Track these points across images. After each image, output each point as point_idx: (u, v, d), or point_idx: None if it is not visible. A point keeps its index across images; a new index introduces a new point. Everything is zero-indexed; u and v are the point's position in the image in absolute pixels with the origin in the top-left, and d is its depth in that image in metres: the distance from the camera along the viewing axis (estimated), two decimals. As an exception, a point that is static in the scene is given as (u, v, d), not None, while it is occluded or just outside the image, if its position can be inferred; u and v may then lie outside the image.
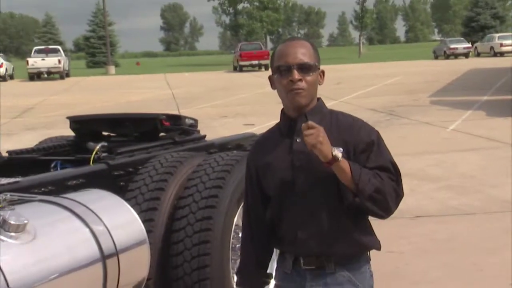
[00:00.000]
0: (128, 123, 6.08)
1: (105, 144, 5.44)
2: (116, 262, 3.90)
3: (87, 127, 6.10)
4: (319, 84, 2.82)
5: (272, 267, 3.14)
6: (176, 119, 6.05)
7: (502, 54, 55.69)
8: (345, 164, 2.61)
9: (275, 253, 3.12)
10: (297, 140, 2.76)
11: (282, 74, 2.74)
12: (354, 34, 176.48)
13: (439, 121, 17.07)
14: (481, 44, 63.12)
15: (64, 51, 57.51)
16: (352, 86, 30.29)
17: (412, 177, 10.22)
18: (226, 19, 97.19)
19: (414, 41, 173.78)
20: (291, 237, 2.81)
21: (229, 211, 4.67)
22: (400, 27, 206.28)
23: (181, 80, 44.03)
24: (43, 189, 4.39)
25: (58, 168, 5.22)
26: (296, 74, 2.69)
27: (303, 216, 2.77)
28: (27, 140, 12.97)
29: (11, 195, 3.92)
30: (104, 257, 3.81)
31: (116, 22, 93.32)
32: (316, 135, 2.54)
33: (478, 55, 60.68)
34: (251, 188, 3.01)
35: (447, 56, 58.56)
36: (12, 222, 3.47)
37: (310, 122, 2.60)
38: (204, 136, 6.19)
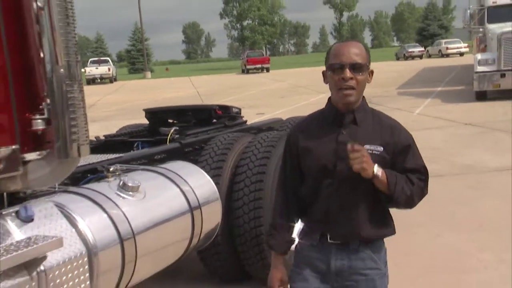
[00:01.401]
0: (189, 113, 6.14)
1: (177, 128, 5.52)
2: (200, 213, 4.07)
3: (157, 116, 6.16)
4: (368, 83, 2.54)
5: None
6: (225, 108, 6.08)
7: (448, 55, 56.01)
8: (383, 177, 2.41)
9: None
10: (343, 133, 2.50)
11: (335, 71, 2.45)
12: (331, 41, 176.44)
13: (407, 107, 17.19)
14: (431, 48, 63.46)
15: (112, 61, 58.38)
16: (335, 82, 30.26)
17: (393, 149, 10.43)
18: (235, 33, 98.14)
19: (379, 46, 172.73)
20: (323, 216, 2.54)
21: (275, 176, 4.81)
22: (367, 36, 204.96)
23: (201, 81, 44.05)
24: (138, 161, 4.53)
25: (140, 148, 5.28)
26: (348, 73, 2.41)
27: (339, 200, 2.50)
28: (95, 129, 13.12)
29: (120, 166, 4.11)
30: (191, 209, 4.00)
31: (150, 38, 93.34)
32: (360, 160, 2.33)
33: (430, 56, 60.68)
34: (291, 163, 2.68)
35: (406, 58, 58.96)
36: (130, 184, 3.66)
37: (356, 146, 2.35)
38: (246, 121, 6.32)
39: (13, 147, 2.72)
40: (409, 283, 4.71)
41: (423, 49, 62.34)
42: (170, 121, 6.17)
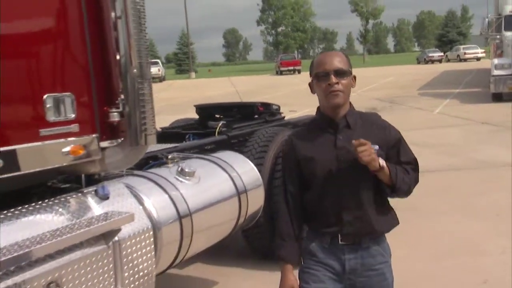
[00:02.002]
0: (235, 109, 6.22)
1: (224, 122, 5.62)
2: (245, 196, 4.16)
3: (206, 111, 6.26)
4: (352, 87, 2.47)
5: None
6: (266, 105, 6.13)
7: (465, 60, 54.82)
8: (386, 169, 2.34)
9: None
10: (340, 138, 2.41)
11: (321, 79, 2.40)
12: (358, 47, 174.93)
13: (427, 107, 16.98)
14: (450, 53, 62.32)
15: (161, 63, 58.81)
16: (361, 83, 29.49)
17: (415, 145, 10.23)
18: (270, 38, 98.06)
19: (401, 51, 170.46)
20: (334, 218, 2.42)
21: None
22: (390, 42, 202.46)
23: (239, 81, 44.09)
24: (191, 151, 4.65)
25: (191, 139, 5.39)
26: (334, 78, 2.35)
27: (348, 202, 2.40)
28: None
29: (177, 154, 4.25)
30: (238, 193, 4.09)
31: (195, 42, 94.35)
32: (369, 152, 2.26)
33: (448, 61, 59.50)
34: (292, 173, 2.54)
35: (426, 62, 57.98)
36: (187, 170, 3.79)
37: (362, 140, 2.27)
38: (284, 117, 6.39)
39: (94, 135, 2.88)
40: (433, 263, 4.76)
41: (442, 54, 61.33)
42: (217, 116, 6.27)
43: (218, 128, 5.41)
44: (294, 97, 24.22)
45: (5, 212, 2.52)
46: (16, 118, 2.54)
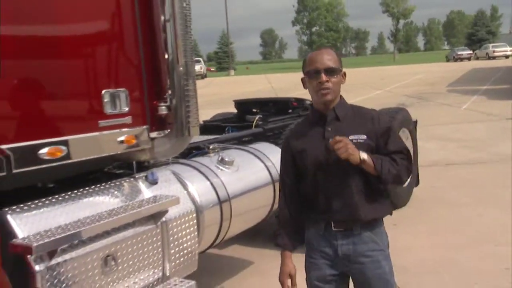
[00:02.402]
0: (270, 104, 6.26)
1: (260, 116, 5.67)
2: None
3: (244, 106, 6.32)
4: (342, 83, 2.42)
5: None
6: (300, 101, 6.13)
7: (494, 58, 53.29)
8: (369, 160, 2.29)
9: None
10: (328, 129, 2.38)
11: (312, 77, 2.36)
12: (388, 45, 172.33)
13: (455, 103, 16.65)
14: (479, 51, 60.53)
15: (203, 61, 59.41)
16: (391, 81, 29.64)
17: (442, 139, 10.24)
18: (304, 38, 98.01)
19: (430, 50, 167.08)
20: (325, 206, 2.39)
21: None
22: (420, 40, 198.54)
23: (275, 78, 44.00)
24: (230, 142, 4.75)
25: (230, 131, 5.48)
26: (324, 77, 2.32)
27: (336, 189, 2.35)
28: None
29: (218, 145, 4.38)
30: (273, 181, 4.16)
31: (234, 42, 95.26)
32: (345, 148, 2.23)
33: (477, 58, 57.94)
34: (286, 169, 2.54)
35: (455, 60, 56.70)
36: (226, 159, 3.91)
37: (337, 137, 2.25)
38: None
39: (144, 127, 3.02)
40: (455, 251, 4.74)
41: (471, 52, 59.74)
42: (254, 110, 6.34)
43: (255, 122, 5.49)
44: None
45: (68, 193, 2.69)
46: (78, 111, 2.70)
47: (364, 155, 2.28)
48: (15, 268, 2.25)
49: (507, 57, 51.63)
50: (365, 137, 2.34)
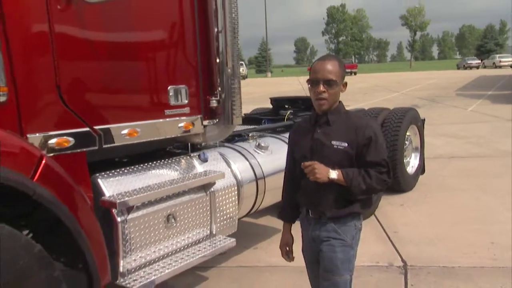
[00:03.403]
0: (300, 101, 6.31)
1: (292, 111, 5.81)
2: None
3: (278, 102, 6.43)
4: (342, 92, 2.32)
5: None
6: None
7: (500, 67, 51.59)
8: (339, 177, 2.19)
9: None
10: (318, 131, 2.30)
11: (312, 85, 2.27)
12: (406, 54, 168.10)
13: (463, 105, 16.31)
14: (487, 61, 58.64)
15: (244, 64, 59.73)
16: (407, 84, 29.09)
17: (448, 136, 10.14)
18: (332, 46, 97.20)
19: (443, 59, 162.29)
20: (304, 196, 2.37)
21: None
22: (435, 50, 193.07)
23: (306, 80, 43.73)
24: (266, 131, 4.87)
25: (266, 123, 5.60)
26: (321, 87, 2.22)
27: (312, 186, 2.26)
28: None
29: (255, 133, 4.56)
30: (300, 164, 4.36)
31: (271, 48, 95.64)
32: (313, 173, 2.17)
33: (485, 67, 56.13)
34: (288, 156, 2.54)
35: (465, 68, 55.16)
36: (263, 145, 4.08)
37: (306, 163, 2.19)
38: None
39: (199, 116, 3.24)
40: (450, 228, 4.82)
41: (479, 61, 58.04)
42: (286, 106, 6.43)
43: (287, 116, 5.63)
44: (349, 94, 23.75)
45: (141, 165, 2.95)
46: (150, 102, 2.93)
47: (333, 175, 2.19)
48: (103, 218, 2.52)
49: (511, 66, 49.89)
50: (346, 144, 2.23)
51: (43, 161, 2.03)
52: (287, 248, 2.53)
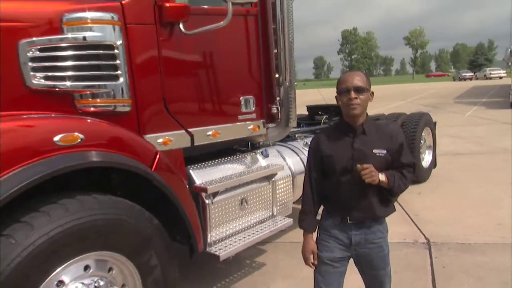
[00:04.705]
0: (331, 108, 6.15)
1: (326, 116, 5.75)
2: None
3: (313, 109, 6.34)
4: (370, 101, 2.08)
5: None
6: None
7: (490, 78, 49.38)
8: (385, 180, 2.00)
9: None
10: (357, 141, 2.04)
11: (343, 94, 2.02)
12: (408, 68, 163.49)
13: (460, 111, 15.77)
14: (479, 73, 56.20)
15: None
16: (411, 94, 28.38)
17: (451, 137, 9.81)
18: (346, 63, 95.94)
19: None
20: (345, 203, 2.07)
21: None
22: (432, 65, 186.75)
23: (324, 91, 43.07)
24: (309, 132, 4.82)
25: (303, 127, 5.44)
26: (353, 94, 1.99)
27: (357, 191, 2.03)
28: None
29: (301, 134, 4.52)
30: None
31: (295, 65, 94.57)
32: (370, 175, 1.95)
33: (477, 79, 53.90)
34: (315, 167, 2.14)
35: (460, 79, 53.30)
36: (307, 142, 4.10)
37: (365, 165, 1.95)
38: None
39: (262, 120, 3.26)
40: (459, 212, 4.68)
41: (472, 73, 55.99)
42: (320, 112, 6.37)
43: (322, 120, 5.58)
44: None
45: (219, 159, 3.01)
46: (228, 109, 2.98)
47: (382, 177, 2.00)
48: (194, 201, 2.57)
49: (501, 77, 47.71)
50: (385, 151, 2.03)
51: (157, 156, 2.11)
52: (313, 256, 2.18)
